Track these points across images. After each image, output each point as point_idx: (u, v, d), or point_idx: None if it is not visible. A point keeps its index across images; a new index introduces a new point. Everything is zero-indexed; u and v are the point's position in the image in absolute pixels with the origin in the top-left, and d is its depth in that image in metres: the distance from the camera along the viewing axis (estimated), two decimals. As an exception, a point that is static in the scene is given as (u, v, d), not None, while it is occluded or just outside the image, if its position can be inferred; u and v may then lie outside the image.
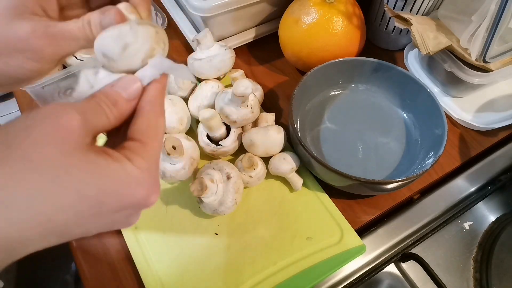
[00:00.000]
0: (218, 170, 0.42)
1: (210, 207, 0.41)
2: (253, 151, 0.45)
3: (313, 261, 0.41)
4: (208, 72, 0.48)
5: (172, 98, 0.47)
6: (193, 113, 0.48)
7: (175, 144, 0.41)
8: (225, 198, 0.40)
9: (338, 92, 0.53)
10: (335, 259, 0.41)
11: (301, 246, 0.42)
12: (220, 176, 0.41)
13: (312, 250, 0.42)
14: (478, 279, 0.45)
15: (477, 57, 0.45)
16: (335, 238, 0.43)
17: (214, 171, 0.42)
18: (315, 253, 0.42)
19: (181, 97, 0.49)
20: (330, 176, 0.42)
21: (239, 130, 0.46)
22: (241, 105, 0.44)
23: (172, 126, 0.46)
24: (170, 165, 0.42)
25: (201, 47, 0.48)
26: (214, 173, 0.41)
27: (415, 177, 0.40)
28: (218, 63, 0.48)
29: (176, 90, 0.49)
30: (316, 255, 0.41)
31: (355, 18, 0.50)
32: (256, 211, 0.44)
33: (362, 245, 0.42)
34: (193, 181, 0.39)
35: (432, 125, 0.46)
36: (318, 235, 0.43)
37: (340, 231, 0.43)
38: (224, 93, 0.46)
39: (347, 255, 0.41)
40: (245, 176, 0.44)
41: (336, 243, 0.42)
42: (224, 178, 0.41)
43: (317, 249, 0.42)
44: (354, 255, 0.41)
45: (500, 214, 0.50)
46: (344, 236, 0.43)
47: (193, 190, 0.39)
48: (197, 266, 0.41)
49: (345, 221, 0.44)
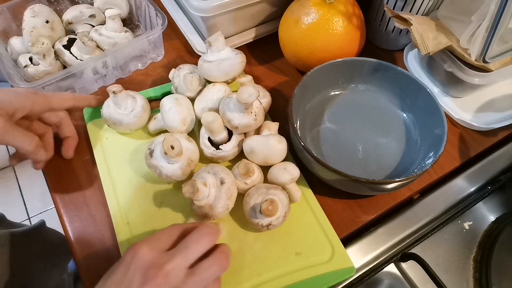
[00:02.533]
0: (213, 174, 0.41)
1: (200, 210, 0.40)
2: (252, 158, 0.45)
3: (299, 278, 0.40)
4: (216, 75, 0.48)
5: (178, 97, 0.47)
6: (198, 115, 0.48)
7: (174, 144, 0.41)
8: (216, 203, 0.40)
9: (338, 92, 0.53)
10: (322, 278, 0.40)
11: (289, 260, 0.41)
12: (214, 180, 0.41)
13: (300, 266, 0.41)
14: (478, 279, 0.45)
15: (477, 57, 0.45)
16: (325, 256, 0.41)
17: (208, 174, 0.41)
18: (302, 269, 0.40)
19: (188, 97, 0.49)
20: (330, 176, 0.42)
21: (241, 136, 0.46)
22: (245, 111, 0.44)
23: (174, 126, 0.46)
24: (167, 164, 0.42)
25: (212, 50, 0.48)
26: (208, 177, 0.41)
27: (415, 177, 0.40)
28: (227, 67, 0.47)
29: (184, 90, 0.49)
30: (303, 271, 0.40)
31: (355, 18, 0.50)
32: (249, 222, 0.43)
33: (351, 267, 0.41)
34: (186, 183, 0.39)
35: (432, 125, 0.46)
36: (308, 251, 0.42)
37: (331, 249, 0.42)
38: (229, 97, 0.45)
39: (335, 275, 0.40)
40: (240, 182, 0.43)
41: (326, 261, 0.41)
42: (218, 182, 0.40)
43: (305, 266, 0.41)
44: (343, 276, 0.40)
45: (500, 214, 0.50)
46: (334, 255, 0.41)
47: (185, 192, 0.38)
48: None
49: (337, 240, 0.42)
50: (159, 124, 0.48)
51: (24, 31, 0.51)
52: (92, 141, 0.49)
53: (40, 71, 0.50)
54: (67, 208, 0.45)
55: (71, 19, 0.55)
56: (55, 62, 0.52)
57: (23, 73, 0.51)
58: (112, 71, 0.54)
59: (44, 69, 0.50)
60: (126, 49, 0.54)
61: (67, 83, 0.52)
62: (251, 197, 0.41)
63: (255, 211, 0.41)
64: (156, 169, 0.42)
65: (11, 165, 0.46)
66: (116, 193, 0.45)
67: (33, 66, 0.50)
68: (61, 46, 0.53)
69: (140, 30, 0.61)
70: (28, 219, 1.33)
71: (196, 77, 0.48)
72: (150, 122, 0.49)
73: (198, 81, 0.49)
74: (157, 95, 0.53)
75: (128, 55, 0.55)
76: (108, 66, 0.53)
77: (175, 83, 0.49)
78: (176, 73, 0.49)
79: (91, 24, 0.56)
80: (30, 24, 0.51)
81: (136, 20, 0.61)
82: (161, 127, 0.48)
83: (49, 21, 0.53)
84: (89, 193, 0.46)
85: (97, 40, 0.54)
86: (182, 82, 0.49)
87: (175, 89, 0.50)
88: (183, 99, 0.47)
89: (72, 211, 0.45)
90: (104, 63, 0.52)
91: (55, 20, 0.54)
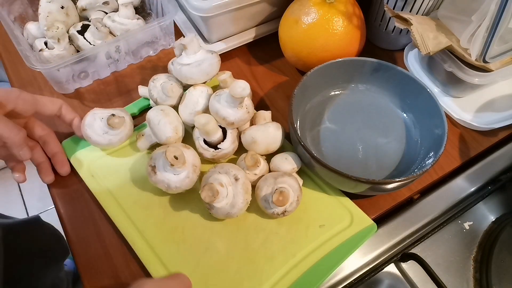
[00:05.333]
0: (225, 173, 0.41)
1: (222, 211, 0.40)
2: (254, 148, 0.45)
3: (329, 248, 0.42)
4: (197, 77, 0.47)
5: (163, 108, 0.46)
6: (186, 121, 0.47)
7: (177, 153, 0.40)
8: (236, 200, 0.40)
9: (338, 92, 0.53)
10: (349, 242, 0.42)
11: (316, 234, 0.43)
12: (227, 179, 0.41)
13: (327, 237, 0.43)
14: (478, 279, 0.45)
15: (477, 57, 0.45)
16: (346, 222, 0.44)
17: (220, 175, 0.41)
18: (329, 239, 0.42)
19: (170, 105, 0.48)
20: (330, 176, 0.42)
21: (235, 131, 0.46)
22: (238, 106, 0.44)
23: (168, 136, 0.45)
24: (174, 175, 0.41)
25: (187, 52, 0.47)
26: (222, 177, 0.41)
27: (415, 177, 0.40)
28: (207, 67, 0.47)
29: (164, 99, 0.48)
30: (330, 241, 0.42)
31: (355, 18, 0.50)
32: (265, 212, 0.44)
33: (372, 224, 0.43)
34: (203, 188, 0.39)
35: (432, 125, 0.46)
36: (329, 221, 0.44)
37: (349, 214, 0.44)
38: (218, 95, 0.45)
39: (360, 235, 0.42)
40: (249, 174, 0.44)
41: (348, 226, 0.43)
42: (232, 180, 0.41)
43: (331, 235, 0.43)
44: (367, 234, 0.42)
45: (500, 214, 0.50)
46: (354, 219, 0.44)
47: (204, 197, 0.38)
48: (218, 274, 0.40)
49: (352, 204, 0.45)
50: (149, 140, 0.47)
51: (40, 16, 0.52)
52: (81, 175, 0.46)
53: (54, 54, 0.51)
54: (67, 208, 0.45)
55: (85, 5, 0.56)
56: (69, 46, 0.53)
57: (38, 56, 0.52)
58: (125, 56, 0.56)
59: (58, 53, 0.51)
60: (139, 35, 0.55)
61: (80, 67, 0.53)
62: (261, 190, 0.42)
63: (268, 202, 0.41)
64: (164, 183, 0.42)
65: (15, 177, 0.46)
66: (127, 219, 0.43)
67: (48, 50, 0.51)
68: (75, 32, 0.53)
69: (151, 18, 0.62)
70: (28, 219, 1.33)
71: (175, 83, 0.48)
72: (139, 141, 0.47)
73: (178, 87, 0.48)
74: (133, 111, 0.51)
75: (140, 40, 0.56)
76: (121, 51, 0.54)
77: (154, 95, 0.48)
78: (152, 85, 0.48)
79: (104, 11, 0.57)
80: (46, 10, 0.52)
81: (148, 8, 0.61)
82: (152, 143, 0.47)
83: (64, 7, 0.53)
84: (89, 193, 0.46)
85: (110, 26, 0.55)
86: (161, 92, 0.47)
87: (154, 102, 0.49)
88: (168, 109, 0.46)
89: (72, 211, 0.45)
90: (117, 47, 0.53)
91: (69, 6, 0.55)
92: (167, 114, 0.45)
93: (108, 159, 0.47)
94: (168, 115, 0.45)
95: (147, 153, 0.48)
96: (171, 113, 0.46)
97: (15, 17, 0.55)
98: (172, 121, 0.45)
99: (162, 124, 0.45)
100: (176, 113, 0.47)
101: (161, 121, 0.45)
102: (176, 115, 0.47)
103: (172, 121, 0.45)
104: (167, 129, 0.45)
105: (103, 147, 0.47)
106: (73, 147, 0.48)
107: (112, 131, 0.46)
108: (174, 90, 0.47)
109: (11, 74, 0.56)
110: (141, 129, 0.49)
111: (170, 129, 0.45)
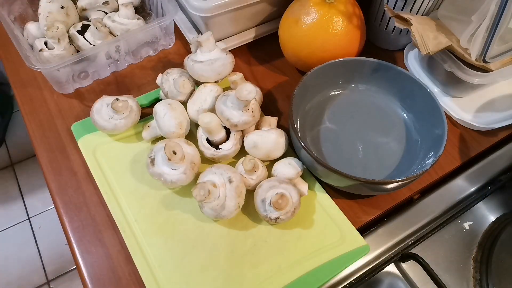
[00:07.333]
0: (220, 174, 0.41)
1: (212, 212, 0.40)
2: (254, 153, 0.45)
3: (317, 263, 0.41)
4: (208, 75, 0.48)
5: (171, 102, 0.47)
6: (192, 117, 0.48)
7: (176, 149, 0.41)
8: (227, 203, 0.40)
9: (338, 92, 0.53)
10: (339, 259, 0.41)
11: (305, 248, 0.42)
12: (222, 180, 0.41)
13: (316, 252, 0.42)
14: (478, 279, 0.45)
15: (477, 57, 0.45)
16: (338, 239, 0.43)
17: (215, 175, 0.41)
18: (319, 254, 0.42)
19: (180, 101, 0.48)
20: (330, 176, 0.42)
21: (239, 133, 0.46)
22: (243, 109, 0.44)
23: (171, 131, 0.45)
24: (170, 170, 0.42)
25: (202, 50, 0.48)
26: (216, 177, 0.41)
27: (415, 177, 0.40)
28: (219, 67, 0.47)
29: (175, 95, 0.48)
30: (320, 256, 0.42)
31: (355, 18, 0.50)
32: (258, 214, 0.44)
33: (365, 245, 0.42)
34: (195, 186, 0.39)
35: (432, 125, 0.46)
36: (321, 236, 0.43)
37: (343, 232, 0.43)
38: (225, 96, 0.45)
39: (350, 255, 0.42)
40: (246, 178, 0.43)
41: (340, 244, 0.42)
42: (226, 182, 0.41)
43: (322, 251, 0.42)
44: (358, 255, 0.42)
45: (500, 214, 0.50)
46: (347, 237, 0.43)
47: (196, 195, 0.38)
48: (200, 274, 0.40)
49: (347, 222, 0.44)
50: (153, 132, 0.47)
51: (40, 16, 0.52)
52: (86, 158, 0.47)
53: (54, 54, 0.51)
54: (67, 208, 0.45)
55: (85, 5, 0.56)
56: (69, 46, 0.53)
57: (38, 56, 0.52)
58: (125, 56, 0.56)
59: (58, 53, 0.51)
60: (139, 35, 0.55)
61: (80, 67, 0.53)
62: (263, 189, 0.42)
63: (265, 204, 0.41)
64: (160, 176, 0.42)
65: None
66: (121, 207, 0.44)
67: (48, 50, 0.51)
68: (75, 32, 0.53)
69: (151, 18, 0.62)
70: (28, 219, 1.33)
71: (187, 79, 0.48)
72: (144, 131, 0.48)
73: (190, 83, 0.48)
74: (143, 103, 0.52)
75: (140, 40, 0.56)
76: (121, 51, 0.54)
77: (165, 88, 0.48)
78: (164, 78, 0.49)
79: (104, 11, 0.57)
80: (46, 9, 0.52)
81: (148, 8, 0.62)
82: (156, 135, 0.48)
83: (64, 7, 0.54)
84: (89, 193, 0.46)
85: (110, 26, 0.55)
86: (172, 87, 0.48)
87: (165, 95, 0.49)
88: (176, 104, 0.47)
89: (72, 211, 0.45)
90: (117, 47, 0.53)
91: (69, 6, 0.55)
92: (173, 109, 0.46)
93: (114, 144, 0.49)
94: (175, 110, 0.46)
95: (151, 145, 0.49)
96: (178, 108, 0.47)
97: (15, 17, 0.55)
98: (177, 116, 0.46)
99: (167, 118, 0.45)
100: (183, 109, 0.48)
101: (167, 114, 0.45)
102: (183, 110, 0.47)
103: (177, 116, 0.46)
104: (172, 123, 0.45)
105: (109, 132, 0.48)
106: (81, 131, 0.49)
107: (117, 115, 0.47)
108: (185, 86, 0.48)
109: (11, 74, 0.56)
110: (149, 120, 0.50)
111: (175, 123, 0.45)
